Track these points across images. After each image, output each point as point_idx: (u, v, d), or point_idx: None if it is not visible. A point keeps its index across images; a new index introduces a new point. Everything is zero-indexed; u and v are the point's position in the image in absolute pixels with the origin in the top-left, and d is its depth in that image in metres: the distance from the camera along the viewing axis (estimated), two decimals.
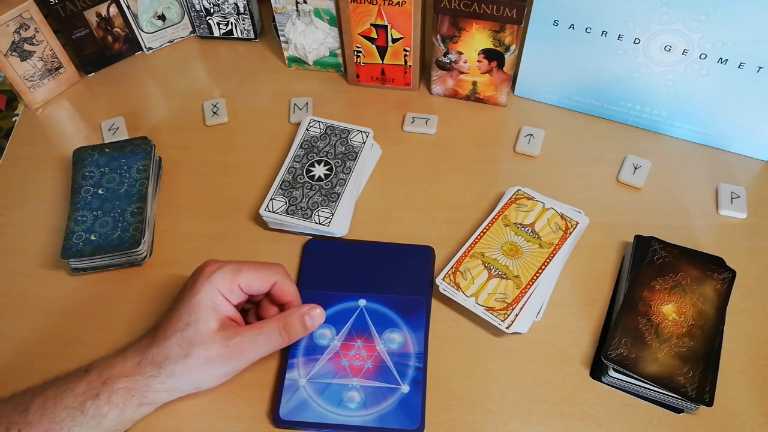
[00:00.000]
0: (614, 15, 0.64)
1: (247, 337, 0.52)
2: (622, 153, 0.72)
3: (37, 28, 0.76)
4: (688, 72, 0.66)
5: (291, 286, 0.57)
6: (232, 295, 0.54)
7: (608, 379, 0.56)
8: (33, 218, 0.70)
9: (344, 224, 0.66)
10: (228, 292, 0.53)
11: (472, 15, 0.67)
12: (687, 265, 0.59)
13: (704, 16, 0.60)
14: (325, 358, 0.58)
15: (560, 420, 0.55)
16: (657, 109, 0.71)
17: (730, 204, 0.67)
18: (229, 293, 0.53)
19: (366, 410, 0.55)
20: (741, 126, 0.68)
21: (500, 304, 0.58)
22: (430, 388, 0.57)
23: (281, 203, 0.65)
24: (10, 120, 0.84)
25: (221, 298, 0.53)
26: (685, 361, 0.54)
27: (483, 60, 0.72)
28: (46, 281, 0.65)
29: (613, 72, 0.69)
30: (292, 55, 0.81)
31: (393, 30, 0.72)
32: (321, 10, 0.74)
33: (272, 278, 0.55)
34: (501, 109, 0.77)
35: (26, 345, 0.61)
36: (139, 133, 0.76)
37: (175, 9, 0.83)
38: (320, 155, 0.69)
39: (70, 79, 0.82)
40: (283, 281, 0.56)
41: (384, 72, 0.77)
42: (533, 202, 0.65)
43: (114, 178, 0.68)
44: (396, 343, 0.59)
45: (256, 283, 0.55)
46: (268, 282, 0.55)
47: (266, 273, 0.55)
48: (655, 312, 0.57)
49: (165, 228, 0.69)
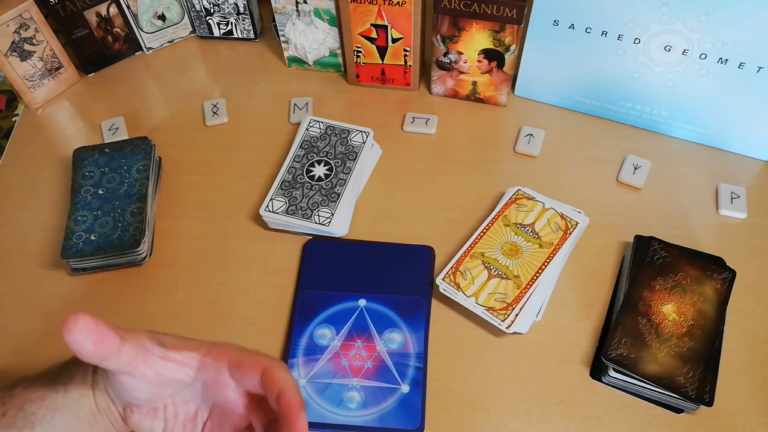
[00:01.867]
0: (614, 15, 0.64)
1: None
2: (622, 153, 0.72)
3: (37, 28, 0.76)
4: (688, 72, 0.66)
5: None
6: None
7: (608, 379, 0.56)
8: (33, 218, 0.70)
9: (344, 224, 0.66)
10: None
11: (472, 15, 0.67)
12: (687, 265, 0.59)
13: (704, 16, 0.60)
14: (325, 358, 0.58)
15: (560, 420, 0.55)
16: (657, 109, 0.71)
17: (730, 204, 0.67)
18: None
19: (366, 410, 0.55)
20: (741, 126, 0.68)
21: (500, 304, 0.58)
22: (430, 388, 0.57)
23: (281, 203, 0.65)
24: (10, 120, 0.84)
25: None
26: (685, 361, 0.54)
27: (483, 60, 0.72)
28: (46, 281, 0.65)
29: (613, 72, 0.69)
30: (292, 55, 0.81)
31: (393, 30, 0.72)
32: (321, 10, 0.74)
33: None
34: (501, 109, 0.77)
35: (26, 345, 0.61)
36: (139, 133, 0.76)
37: (175, 9, 0.83)
38: (320, 155, 0.69)
39: (70, 79, 0.82)
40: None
41: (384, 72, 0.77)
42: (533, 202, 0.65)
43: (114, 178, 0.68)
44: (396, 343, 0.59)
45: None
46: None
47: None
48: (655, 312, 0.57)
49: (165, 228, 0.69)
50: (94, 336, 0.38)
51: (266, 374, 0.42)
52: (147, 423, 0.46)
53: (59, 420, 0.46)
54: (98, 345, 0.38)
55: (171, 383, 0.44)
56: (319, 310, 0.61)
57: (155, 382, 0.43)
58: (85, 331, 0.38)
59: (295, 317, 0.61)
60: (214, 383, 0.44)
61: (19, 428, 0.45)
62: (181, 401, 0.46)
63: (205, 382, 0.45)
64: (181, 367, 0.44)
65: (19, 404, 0.46)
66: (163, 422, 0.46)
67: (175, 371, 0.44)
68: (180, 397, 0.46)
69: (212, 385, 0.44)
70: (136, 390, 0.43)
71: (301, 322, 0.61)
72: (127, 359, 0.41)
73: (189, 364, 0.44)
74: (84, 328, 0.38)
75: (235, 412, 0.45)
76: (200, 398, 0.46)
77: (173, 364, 0.43)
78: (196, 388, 0.45)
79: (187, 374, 0.44)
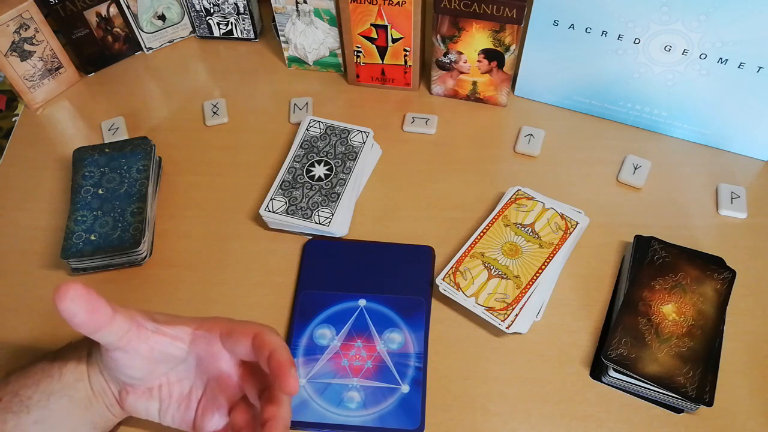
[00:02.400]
0: (614, 15, 0.64)
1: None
2: (622, 153, 0.72)
3: (37, 28, 0.76)
4: (688, 72, 0.66)
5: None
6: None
7: (608, 379, 0.56)
8: (33, 218, 0.70)
9: (344, 224, 0.66)
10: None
11: (472, 15, 0.67)
12: (687, 265, 0.59)
13: (704, 16, 0.60)
14: (325, 358, 0.58)
15: (560, 420, 0.55)
16: (657, 109, 0.71)
17: (730, 204, 0.67)
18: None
19: (366, 410, 0.55)
20: (741, 126, 0.68)
21: (500, 304, 0.58)
22: (430, 388, 0.57)
23: (281, 203, 0.65)
24: (10, 120, 0.84)
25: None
26: (685, 361, 0.54)
27: (483, 60, 0.72)
28: (46, 281, 0.65)
29: (613, 72, 0.69)
30: (292, 55, 0.81)
31: (393, 30, 0.72)
32: (321, 10, 0.74)
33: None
34: (501, 109, 0.77)
35: (26, 345, 0.61)
36: (139, 133, 0.76)
37: (175, 9, 0.83)
38: (320, 155, 0.69)
39: (70, 79, 0.82)
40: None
41: (384, 72, 0.77)
42: (533, 202, 0.65)
43: (114, 178, 0.68)
44: (396, 343, 0.59)
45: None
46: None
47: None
48: (655, 312, 0.57)
49: (165, 228, 0.69)
50: (86, 304, 0.39)
51: (257, 338, 0.43)
52: (142, 404, 0.47)
53: (55, 404, 0.46)
54: (90, 313, 0.39)
55: (165, 359, 0.45)
56: (319, 310, 0.61)
57: (149, 358, 0.44)
58: (77, 299, 0.38)
59: (295, 317, 0.61)
60: (207, 355, 0.45)
61: (15, 413, 0.45)
62: (175, 380, 0.47)
63: (199, 356, 0.45)
64: (173, 341, 0.44)
65: (14, 390, 0.46)
66: (158, 403, 0.47)
67: (168, 345, 0.44)
68: (174, 375, 0.47)
69: (205, 357, 0.45)
70: (131, 367, 0.44)
71: (301, 322, 0.61)
72: (120, 332, 0.41)
73: (181, 338, 0.45)
74: (76, 296, 0.38)
75: (229, 383, 0.45)
76: (194, 374, 0.46)
77: (166, 338, 0.44)
78: (189, 364, 0.46)
79: (181, 348, 0.45)
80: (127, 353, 0.43)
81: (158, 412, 0.47)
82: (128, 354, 0.43)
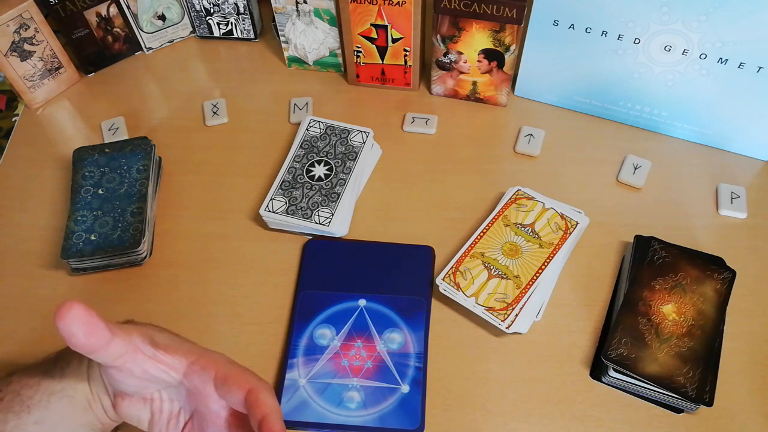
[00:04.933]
0: (614, 15, 0.64)
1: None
2: (622, 153, 0.72)
3: (37, 28, 0.76)
4: (688, 72, 0.66)
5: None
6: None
7: (608, 379, 0.56)
8: (33, 218, 0.70)
9: (344, 224, 0.66)
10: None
11: (472, 15, 0.67)
12: (687, 265, 0.59)
13: (704, 16, 0.60)
14: (325, 358, 0.58)
15: (560, 420, 0.55)
16: (657, 109, 0.71)
17: (730, 204, 0.67)
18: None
19: (366, 410, 0.55)
20: (741, 126, 0.68)
21: (500, 304, 0.58)
22: (430, 388, 0.57)
23: (281, 203, 0.65)
24: (10, 120, 0.84)
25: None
26: (685, 361, 0.54)
27: (483, 60, 0.72)
28: (46, 281, 0.65)
29: (613, 72, 0.69)
30: (292, 55, 0.81)
31: (393, 30, 0.72)
32: (321, 10, 0.74)
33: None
34: (501, 109, 0.77)
35: (26, 345, 0.61)
36: (139, 133, 0.76)
37: (175, 9, 0.83)
38: (320, 155, 0.69)
39: (70, 79, 0.82)
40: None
41: (384, 72, 0.77)
42: (533, 202, 0.65)
43: (114, 178, 0.68)
44: (396, 343, 0.59)
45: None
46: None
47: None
48: (655, 312, 0.57)
49: (165, 228, 0.69)
50: (85, 327, 0.38)
51: (251, 395, 0.41)
52: (135, 412, 0.47)
53: (55, 404, 0.46)
54: (88, 336, 0.39)
55: (157, 381, 0.45)
56: (319, 310, 0.61)
57: (142, 378, 0.44)
58: (77, 321, 0.38)
59: (295, 317, 0.61)
60: (198, 392, 0.44)
61: (15, 412, 0.45)
62: (167, 398, 0.47)
63: (190, 390, 0.45)
64: (168, 369, 0.44)
65: (16, 389, 0.47)
66: (150, 414, 0.47)
67: (161, 372, 0.44)
68: (166, 394, 0.47)
69: (196, 393, 0.44)
70: (123, 383, 0.44)
71: (301, 322, 0.61)
72: (116, 355, 0.41)
73: (176, 368, 0.44)
74: (76, 317, 0.38)
75: (216, 423, 0.45)
76: (184, 400, 0.46)
77: (161, 366, 0.44)
78: (180, 391, 0.46)
79: (173, 378, 0.44)
80: (120, 372, 0.43)
81: (148, 423, 0.47)
82: (122, 372, 0.43)
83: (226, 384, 0.43)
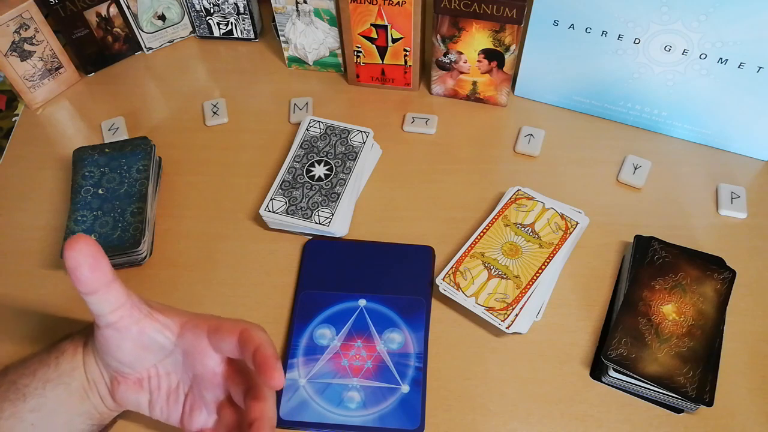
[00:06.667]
0: (614, 15, 0.64)
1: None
2: (622, 153, 0.72)
3: (37, 28, 0.76)
4: (688, 72, 0.66)
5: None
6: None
7: (608, 379, 0.56)
8: (33, 218, 0.70)
9: (344, 224, 0.66)
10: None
11: (472, 15, 0.67)
12: (687, 265, 0.59)
13: (704, 16, 0.60)
14: (325, 358, 0.58)
15: (560, 420, 0.55)
16: (657, 109, 0.71)
17: (730, 204, 0.67)
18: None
19: (366, 410, 0.55)
20: (741, 126, 0.68)
21: (500, 304, 0.58)
22: (430, 388, 0.57)
23: (281, 203, 0.65)
24: (10, 120, 0.84)
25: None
26: (685, 361, 0.54)
27: (483, 60, 0.72)
28: (46, 281, 0.65)
29: (613, 72, 0.69)
30: (292, 55, 0.81)
31: (393, 30, 0.72)
32: (321, 10, 0.74)
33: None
34: (501, 109, 0.77)
35: (26, 345, 0.61)
36: (139, 133, 0.76)
37: (175, 9, 0.83)
38: (320, 155, 0.69)
39: (70, 79, 0.82)
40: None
41: (384, 72, 0.77)
42: (533, 202, 0.65)
43: (114, 178, 0.68)
44: (396, 343, 0.59)
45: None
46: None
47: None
48: (655, 312, 0.57)
49: (165, 228, 0.69)
50: (91, 259, 0.40)
51: (243, 334, 0.43)
52: (133, 396, 0.48)
53: (51, 392, 0.47)
54: (93, 270, 0.41)
55: (153, 346, 0.46)
56: (319, 310, 0.61)
57: (138, 342, 0.45)
58: (85, 251, 0.40)
59: (295, 317, 0.61)
60: (194, 350, 0.45)
61: (11, 401, 0.46)
62: (163, 372, 0.48)
63: (185, 350, 0.46)
64: (162, 329, 0.46)
65: (12, 379, 0.47)
66: (148, 394, 0.48)
67: (157, 332, 0.45)
68: (162, 368, 0.48)
69: (192, 352, 0.46)
70: (121, 348, 0.45)
71: (301, 322, 0.61)
72: (115, 302, 0.43)
73: (170, 328, 0.46)
74: (85, 247, 0.40)
75: (214, 381, 0.46)
76: (181, 369, 0.47)
77: (156, 324, 0.45)
78: (176, 358, 0.47)
79: (168, 338, 0.46)
80: (118, 332, 0.44)
81: (148, 404, 0.48)
82: (119, 333, 0.44)
83: (219, 332, 0.44)
